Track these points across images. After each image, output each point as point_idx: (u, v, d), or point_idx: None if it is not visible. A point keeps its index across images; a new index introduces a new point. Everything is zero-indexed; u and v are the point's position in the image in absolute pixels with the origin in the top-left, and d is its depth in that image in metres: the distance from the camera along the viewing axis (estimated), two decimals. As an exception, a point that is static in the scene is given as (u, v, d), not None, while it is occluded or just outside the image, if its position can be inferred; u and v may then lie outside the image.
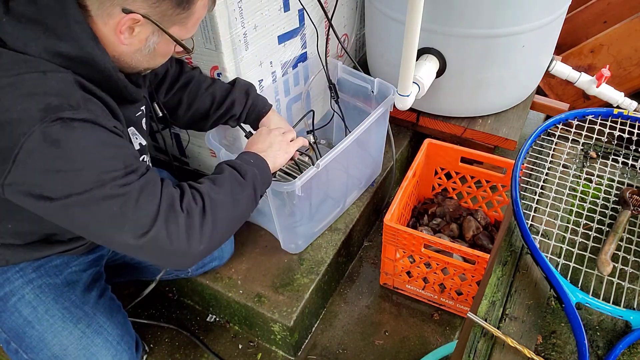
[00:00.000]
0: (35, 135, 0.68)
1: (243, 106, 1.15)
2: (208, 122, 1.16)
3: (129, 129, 0.93)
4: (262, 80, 1.32)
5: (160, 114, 1.11)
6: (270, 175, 0.99)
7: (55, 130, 0.69)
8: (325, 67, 1.39)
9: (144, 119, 1.01)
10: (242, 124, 1.19)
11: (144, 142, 0.99)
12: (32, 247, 0.98)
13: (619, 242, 0.70)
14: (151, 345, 1.41)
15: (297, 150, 1.11)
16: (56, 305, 1.00)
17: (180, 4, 0.78)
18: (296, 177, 1.12)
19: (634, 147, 0.83)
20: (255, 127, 1.19)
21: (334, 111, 1.49)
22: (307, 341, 1.41)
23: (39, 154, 0.69)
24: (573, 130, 0.86)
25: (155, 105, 1.10)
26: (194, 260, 0.81)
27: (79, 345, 0.98)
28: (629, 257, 0.69)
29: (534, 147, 0.84)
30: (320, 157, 1.19)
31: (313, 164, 1.14)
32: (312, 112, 1.36)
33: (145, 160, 1.01)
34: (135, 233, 0.75)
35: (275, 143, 1.04)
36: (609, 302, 0.63)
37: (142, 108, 0.98)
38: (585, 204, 0.76)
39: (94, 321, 1.02)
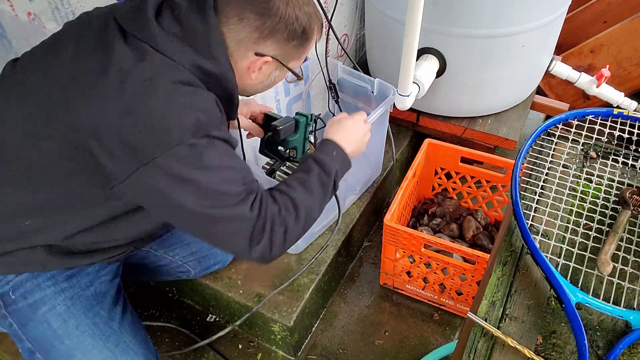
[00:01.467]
0: (184, 147, 0.73)
1: None
2: None
3: None
4: (262, 80, 1.32)
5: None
6: (348, 166, 1.03)
7: (202, 144, 0.75)
8: (325, 68, 1.39)
9: None
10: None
11: None
12: (75, 256, 0.96)
13: (619, 242, 0.70)
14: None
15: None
16: (86, 320, 0.97)
17: (302, 44, 0.88)
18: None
19: (634, 147, 0.83)
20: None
21: (332, 113, 1.49)
22: (307, 341, 1.41)
23: (181, 163, 0.74)
24: (573, 130, 0.86)
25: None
26: (277, 257, 0.90)
27: None
28: (629, 257, 0.69)
29: (534, 147, 0.84)
30: None
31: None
32: (317, 118, 1.35)
33: None
34: (250, 249, 0.83)
35: (359, 134, 1.06)
36: (609, 302, 0.63)
37: None
38: (585, 204, 0.76)
39: (121, 340, 1.00)
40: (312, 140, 1.19)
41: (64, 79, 0.75)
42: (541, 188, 0.78)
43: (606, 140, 0.85)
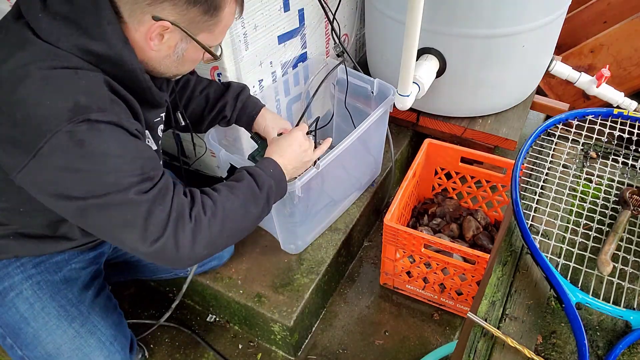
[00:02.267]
0: (61, 134, 0.69)
1: (232, 109, 1.16)
2: (203, 124, 1.17)
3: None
4: (262, 80, 1.32)
5: (183, 123, 1.12)
6: (285, 188, 1.00)
7: (81, 130, 0.70)
8: (348, 59, 1.39)
9: (161, 125, 1.01)
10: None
11: (154, 147, 0.98)
12: (42, 241, 0.98)
13: (619, 242, 0.70)
14: (151, 346, 1.41)
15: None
16: (52, 302, 1.00)
17: (208, 11, 0.79)
18: (296, 177, 1.12)
19: (634, 147, 0.83)
20: (249, 128, 1.19)
21: (332, 113, 1.49)
22: (307, 341, 1.41)
23: (63, 151, 0.70)
24: (573, 130, 0.86)
25: (178, 114, 1.11)
26: (194, 262, 0.83)
27: (72, 344, 0.98)
28: (629, 257, 0.69)
29: (534, 147, 0.84)
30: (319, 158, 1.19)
31: (313, 165, 1.14)
32: (317, 118, 1.36)
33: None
34: (146, 240, 0.77)
35: (296, 156, 1.04)
36: (609, 302, 0.63)
37: (161, 115, 0.99)
38: (585, 204, 0.76)
39: (88, 321, 1.02)
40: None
41: None
42: (541, 188, 0.78)
43: (606, 140, 0.85)
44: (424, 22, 1.24)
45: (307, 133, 1.25)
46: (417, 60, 1.37)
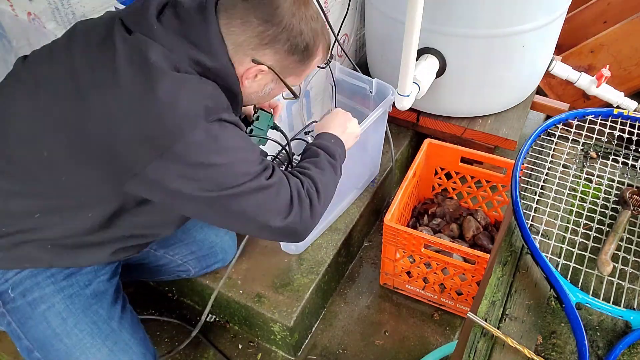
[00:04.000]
0: (199, 132, 0.74)
1: None
2: None
3: None
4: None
5: None
6: (345, 152, 1.06)
7: (215, 128, 0.76)
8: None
9: None
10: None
11: None
12: (78, 252, 0.95)
13: (619, 242, 0.70)
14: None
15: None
16: (85, 319, 0.97)
17: (302, 60, 0.87)
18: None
19: (634, 147, 0.83)
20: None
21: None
22: (307, 341, 1.41)
23: (200, 147, 0.74)
24: (573, 130, 0.86)
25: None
26: (308, 235, 0.92)
27: None
28: (629, 257, 0.69)
29: (534, 147, 0.84)
30: None
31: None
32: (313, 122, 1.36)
33: None
34: (277, 219, 0.84)
35: (348, 126, 1.10)
36: (609, 302, 0.63)
37: None
38: (585, 204, 0.76)
39: (120, 338, 1.00)
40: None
41: (74, 73, 0.77)
42: (541, 188, 0.78)
43: (606, 140, 0.85)
44: (423, 22, 1.24)
45: (306, 133, 1.25)
46: (417, 60, 1.37)
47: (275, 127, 1.11)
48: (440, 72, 1.49)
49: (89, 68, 0.76)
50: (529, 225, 0.70)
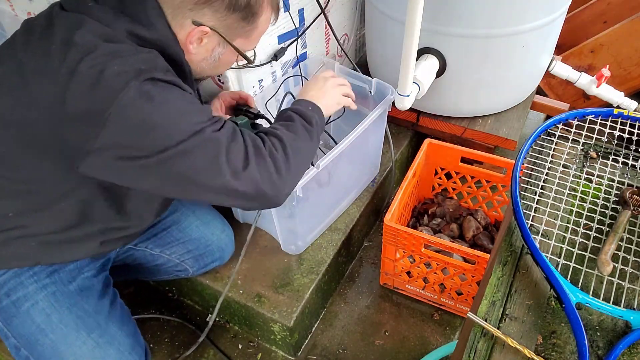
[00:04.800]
0: (130, 91, 0.71)
1: None
2: None
3: None
4: (262, 80, 1.32)
5: None
6: (324, 122, 1.03)
7: (148, 87, 0.73)
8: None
9: None
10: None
11: None
12: (63, 247, 0.96)
13: (619, 242, 0.70)
14: (151, 345, 1.41)
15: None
16: (70, 314, 0.98)
17: (246, 18, 0.83)
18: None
19: (634, 147, 0.83)
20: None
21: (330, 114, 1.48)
22: (307, 341, 1.41)
23: (135, 108, 0.72)
24: (573, 130, 0.86)
25: None
26: (281, 200, 0.88)
27: (92, 355, 0.98)
28: (629, 257, 0.69)
29: (534, 147, 0.84)
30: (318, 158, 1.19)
31: (313, 165, 1.14)
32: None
33: None
34: (233, 173, 0.80)
35: (329, 91, 1.07)
36: (609, 302, 0.63)
37: None
38: (585, 204, 0.76)
39: (106, 332, 1.01)
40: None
41: (20, 65, 0.76)
42: (541, 188, 0.78)
43: (606, 140, 0.85)
44: (424, 22, 1.24)
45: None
46: (417, 60, 1.37)
47: (259, 116, 1.10)
48: (440, 72, 1.49)
49: (32, 57, 0.75)
50: (529, 225, 0.70)
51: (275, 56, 1.33)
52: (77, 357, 0.97)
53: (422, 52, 1.45)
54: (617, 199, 0.77)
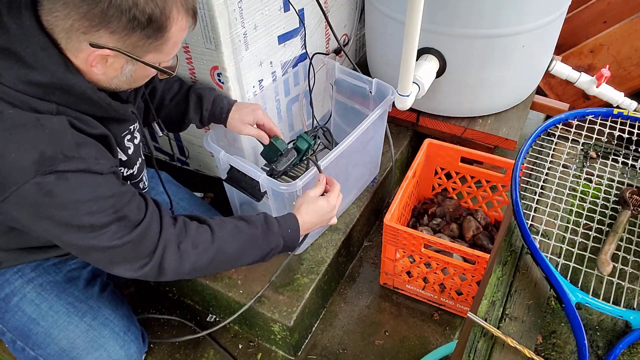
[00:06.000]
0: (28, 187, 0.69)
1: (200, 119, 1.16)
2: (179, 127, 1.18)
3: None
4: (262, 80, 1.32)
5: (161, 134, 1.12)
6: (293, 247, 1.01)
7: (49, 181, 0.70)
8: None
9: (135, 135, 0.97)
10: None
11: (124, 158, 0.95)
12: (45, 251, 0.99)
13: (619, 242, 0.70)
14: (151, 345, 1.41)
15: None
16: (59, 301, 1.00)
17: (152, 35, 0.73)
18: (295, 176, 1.12)
19: (634, 147, 0.83)
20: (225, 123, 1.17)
21: (330, 114, 1.49)
22: (307, 341, 1.41)
23: (32, 202, 0.71)
24: (573, 130, 0.86)
25: (155, 125, 1.11)
26: (174, 279, 0.88)
27: (86, 337, 0.99)
28: (629, 257, 0.69)
29: (534, 147, 0.84)
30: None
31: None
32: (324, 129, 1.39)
33: (134, 172, 0.99)
34: (132, 271, 0.82)
35: (318, 219, 1.04)
36: (609, 302, 0.63)
37: (130, 127, 0.93)
38: (585, 204, 0.76)
39: (99, 314, 1.02)
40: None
41: None
42: (541, 188, 0.78)
43: (606, 140, 0.85)
44: (424, 22, 1.24)
45: (306, 133, 1.25)
46: (417, 60, 1.37)
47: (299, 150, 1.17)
48: (440, 72, 1.49)
49: None
50: (529, 225, 0.70)
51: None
52: (71, 340, 0.98)
53: (422, 52, 1.45)
54: (617, 199, 0.77)
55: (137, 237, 0.79)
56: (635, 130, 0.84)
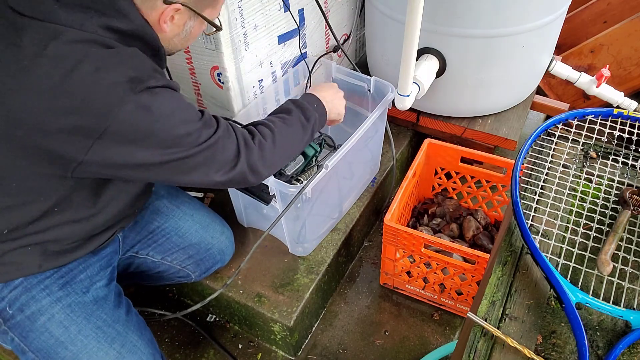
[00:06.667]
0: (127, 107, 0.73)
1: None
2: None
3: None
4: (262, 80, 1.32)
5: None
6: (325, 120, 1.10)
7: (144, 98, 0.75)
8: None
9: None
10: None
11: None
12: (67, 249, 0.95)
13: (619, 242, 0.70)
14: (151, 345, 1.41)
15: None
16: (88, 325, 0.97)
17: None
18: (300, 182, 1.13)
19: (634, 147, 0.83)
20: None
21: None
22: (307, 341, 1.41)
23: (134, 120, 0.74)
24: (573, 130, 0.86)
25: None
26: (258, 182, 0.96)
27: None
28: (629, 257, 0.69)
29: (534, 147, 0.84)
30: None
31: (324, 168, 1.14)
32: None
33: None
34: (225, 171, 0.88)
35: (337, 99, 1.15)
36: (609, 302, 0.63)
37: None
38: (585, 204, 0.76)
39: (127, 340, 1.00)
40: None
41: None
42: (541, 188, 0.78)
43: (606, 140, 0.85)
44: (424, 22, 1.24)
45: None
46: (417, 60, 1.37)
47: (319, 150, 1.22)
48: (440, 72, 1.49)
49: (4, 74, 0.72)
50: (529, 225, 0.70)
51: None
52: None
53: (422, 52, 1.45)
54: (617, 199, 0.77)
55: (223, 134, 0.86)
56: (635, 130, 0.84)
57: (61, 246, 0.94)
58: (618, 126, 0.85)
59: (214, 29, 0.93)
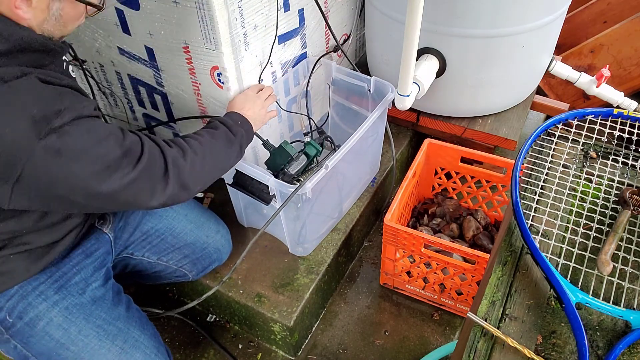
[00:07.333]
0: (37, 154, 0.70)
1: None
2: None
3: None
4: (262, 80, 1.32)
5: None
6: (252, 135, 1.11)
7: (52, 141, 0.71)
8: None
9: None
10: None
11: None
12: (40, 252, 0.96)
13: (619, 242, 0.70)
14: (151, 345, 1.41)
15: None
16: (88, 324, 0.97)
17: None
18: (301, 180, 1.13)
19: (634, 147, 0.83)
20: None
21: (328, 114, 1.49)
22: (307, 341, 1.41)
23: (45, 169, 0.72)
24: (573, 130, 0.86)
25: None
26: (192, 196, 0.94)
27: None
28: (629, 257, 0.69)
29: (534, 147, 0.84)
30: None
31: (321, 166, 1.14)
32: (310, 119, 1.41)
33: None
34: (157, 197, 0.85)
35: (257, 107, 1.15)
36: (609, 302, 0.63)
37: (64, 57, 0.92)
38: (585, 204, 0.76)
39: (129, 336, 1.00)
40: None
41: None
42: (541, 188, 0.78)
43: (606, 140, 0.85)
44: (424, 22, 1.24)
45: (305, 134, 1.28)
46: (417, 60, 1.37)
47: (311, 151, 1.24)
48: (440, 72, 1.49)
49: None
50: (529, 225, 0.70)
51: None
52: None
53: (422, 52, 1.45)
54: (617, 199, 0.77)
55: (147, 162, 0.82)
56: (635, 130, 0.84)
57: (41, 245, 0.95)
58: (618, 126, 0.85)
59: (95, 9, 0.83)
